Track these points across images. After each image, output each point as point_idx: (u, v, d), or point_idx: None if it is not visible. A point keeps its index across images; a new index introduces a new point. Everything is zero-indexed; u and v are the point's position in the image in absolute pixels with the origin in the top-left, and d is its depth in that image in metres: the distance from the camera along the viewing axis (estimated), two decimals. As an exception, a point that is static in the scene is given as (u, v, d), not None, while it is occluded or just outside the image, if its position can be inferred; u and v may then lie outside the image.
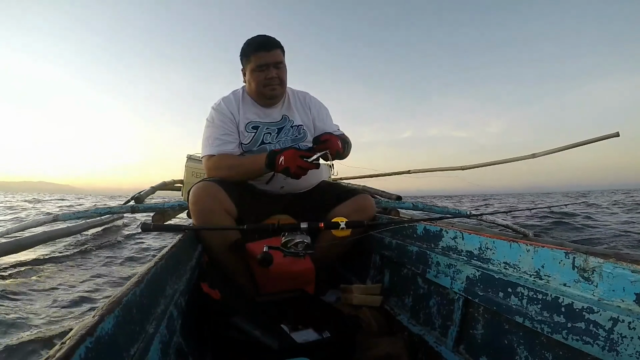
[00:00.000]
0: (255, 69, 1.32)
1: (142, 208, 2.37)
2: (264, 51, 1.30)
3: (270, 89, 1.35)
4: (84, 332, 0.38)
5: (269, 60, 1.31)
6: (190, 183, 3.33)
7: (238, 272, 1.24)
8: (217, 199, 1.18)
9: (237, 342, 0.83)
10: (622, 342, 0.51)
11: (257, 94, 1.38)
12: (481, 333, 0.81)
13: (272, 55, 1.31)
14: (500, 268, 0.76)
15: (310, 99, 1.53)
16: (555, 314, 0.61)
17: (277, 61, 1.32)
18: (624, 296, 0.53)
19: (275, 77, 1.33)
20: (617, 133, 2.32)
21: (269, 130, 1.40)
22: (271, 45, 1.31)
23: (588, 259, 0.59)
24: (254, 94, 1.40)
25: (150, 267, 0.66)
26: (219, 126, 1.37)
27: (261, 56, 1.30)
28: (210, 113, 1.41)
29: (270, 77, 1.32)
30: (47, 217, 2.54)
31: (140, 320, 0.54)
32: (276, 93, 1.37)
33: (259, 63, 1.31)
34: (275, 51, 1.32)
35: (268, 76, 1.32)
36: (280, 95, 1.42)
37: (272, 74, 1.32)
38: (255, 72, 1.33)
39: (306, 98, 1.52)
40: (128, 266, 2.48)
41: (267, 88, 1.34)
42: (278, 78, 1.34)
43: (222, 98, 1.43)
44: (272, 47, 1.31)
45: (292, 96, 1.48)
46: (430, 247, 1.02)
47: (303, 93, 1.53)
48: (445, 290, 0.94)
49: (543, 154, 2.90)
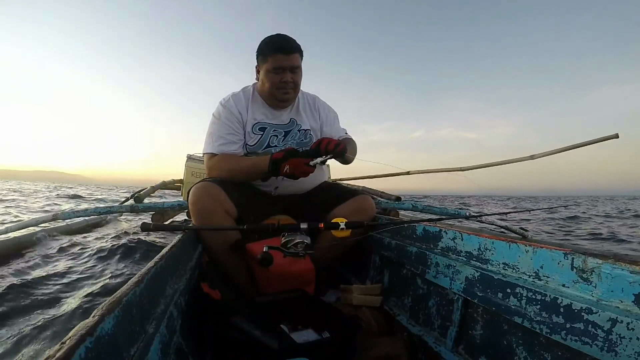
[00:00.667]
0: (271, 70, 1.29)
1: (141, 207, 2.37)
2: (282, 54, 1.27)
3: (284, 92, 1.33)
4: (84, 332, 0.38)
5: (286, 64, 1.28)
6: (190, 183, 3.33)
7: (238, 272, 1.24)
8: (217, 199, 1.18)
9: (237, 342, 0.83)
10: (620, 342, 0.51)
11: (269, 95, 1.37)
12: (480, 333, 0.81)
13: (290, 59, 1.28)
14: (499, 269, 0.76)
15: (320, 102, 1.52)
16: (554, 315, 0.61)
17: (295, 66, 1.30)
18: (623, 297, 0.53)
19: (290, 81, 1.31)
20: (617, 135, 2.32)
21: (276, 133, 1.39)
22: (291, 49, 1.28)
23: (587, 259, 0.59)
24: (265, 95, 1.38)
25: (150, 267, 0.67)
26: (224, 124, 1.35)
27: (279, 59, 1.28)
28: (217, 108, 1.39)
29: (285, 81, 1.30)
30: (47, 215, 2.54)
31: (140, 320, 0.54)
32: (289, 97, 1.35)
33: (276, 65, 1.28)
34: (294, 55, 1.29)
35: (283, 79, 1.30)
36: (292, 100, 1.41)
37: (288, 78, 1.30)
38: (270, 73, 1.30)
39: (316, 101, 1.51)
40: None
41: (281, 91, 1.32)
42: (293, 82, 1.32)
43: (232, 95, 1.41)
44: (291, 50, 1.29)
45: (301, 99, 1.47)
46: (429, 248, 1.02)
47: (313, 96, 1.52)
48: (444, 291, 0.94)
49: (542, 155, 2.90)
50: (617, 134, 2.29)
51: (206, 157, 1.37)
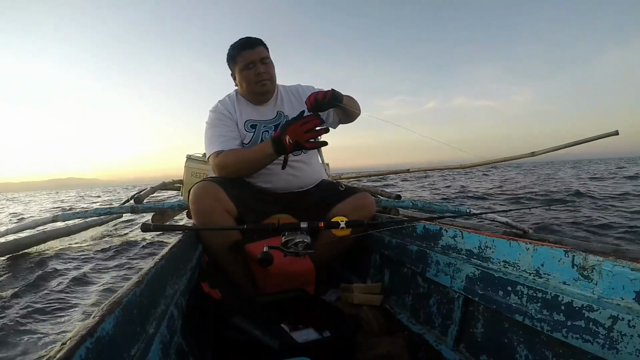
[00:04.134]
0: (244, 68, 1.35)
1: (141, 208, 2.37)
2: (248, 50, 1.34)
3: (262, 85, 1.37)
4: (84, 332, 0.38)
5: (255, 57, 1.34)
6: (190, 183, 3.33)
7: (238, 272, 1.24)
8: (217, 198, 1.18)
9: (237, 342, 0.83)
10: (621, 340, 0.51)
11: (249, 93, 1.41)
12: (481, 332, 0.81)
13: (256, 52, 1.34)
14: (499, 267, 0.76)
15: (302, 88, 1.54)
16: (555, 313, 0.61)
17: (263, 57, 1.36)
18: (624, 294, 0.53)
19: (264, 72, 1.35)
20: (617, 131, 2.32)
21: (267, 129, 1.42)
22: (253, 43, 1.35)
23: (587, 257, 0.59)
24: (246, 94, 1.43)
25: (150, 267, 0.66)
26: (221, 125, 1.39)
27: (246, 55, 1.34)
28: (209, 116, 1.44)
29: (259, 73, 1.35)
30: (47, 217, 2.54)
31: (140, 321, 0.54)
32: (268, 88, 1.40)
33: (246, 62, 1.34)
34: (258, 48, 1.35)
35: (257, 72, 1.35)
36: (272, 90, 1.44)
37: (260, 70, 1.35)
38: (244, 71, 1.36)
39: (298, 90, 1.53)
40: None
41: (259, 85, 1.37)
42: (267, 73, 1.37)
43: (219, 101, 1.46)
44: (254, 44, 1.35)
45: (284, 92, 1.51)
46: (430, 246, 1.02)
47: (294, 86, 1.55)
48: (445, 289, 0.94)
49: (542, 152, 2.90)
50: (617, 131, 2.29)
51: (211, 157, 1.38)
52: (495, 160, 3.54)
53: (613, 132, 2.34)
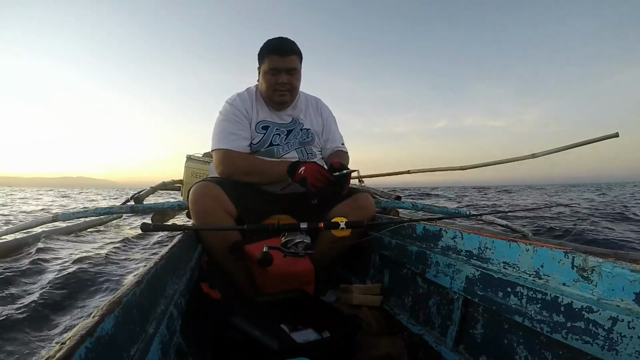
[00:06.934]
0: (268, 72, 1.31)
1: (141, 208, 2.36)
2: (278, 55, 1.29)
3: (280, 94, 1.34)
4: (84, 332, 0.38)
5: (281, 66, 1.29)
6: (190, 183, 3.33)
7: (238, 272, 1.24)
8: (217, 199, 1.18)
9: (237, 342, 0.83)
10: (621, 341, 0.51)
11: (266, 96, 1.39)
12: (481, 333, 0.81)
13: (285, 60, 1.29)
14: (499, 268, 0.76)
15: (322, 105, 1.55)
16: (555, 314, 0.61)
17: (290, 67, 1.31)
18: (623, 295, 0.53)
19: (286, 83, 1.31)
20: (617, 133, 2.33)
21: (279, 132, 1.41)
22: (287, 51, 1.29)
23: (587, 258, 0.59)
24: (264, 95, 1.41)
25: (150, 267, 0.66)
26: (234, 121, 1.36)
27: (275, 60, 1.29)
28: (224, 107, 1.40)
29: (281, 83, 1.31)
30: (47, 216, 2.54)
31: (140, 321, 0.54)
32: (285, 99, 1.36)
33: (271, 66, 1.30)
34: (290, 57, 1.30)
35: (279, 81, 1.30)
36: (290, 102, 1.41)
37: (283, 80, 1.30)
38: (267, 74, 1.32)
39: (319, 104, 1.53)
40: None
41: (276, 93, 1.34)
42: (289, 84, 1.32)
43: (238, 94, 1.43)
44: (287, 52, 1.29)
45: (304, 100, 1.49)
46: (429, 247, 1.02)
47: (315, 98, 1.55)
48: (444, 290, 0.94)
49: (543, 154, 2.90)
50: (617, 133, 2.29)
51: (217, 152, 1.36)
52: (496, 162, 3.54)
53: (613, 134, 2.34)
